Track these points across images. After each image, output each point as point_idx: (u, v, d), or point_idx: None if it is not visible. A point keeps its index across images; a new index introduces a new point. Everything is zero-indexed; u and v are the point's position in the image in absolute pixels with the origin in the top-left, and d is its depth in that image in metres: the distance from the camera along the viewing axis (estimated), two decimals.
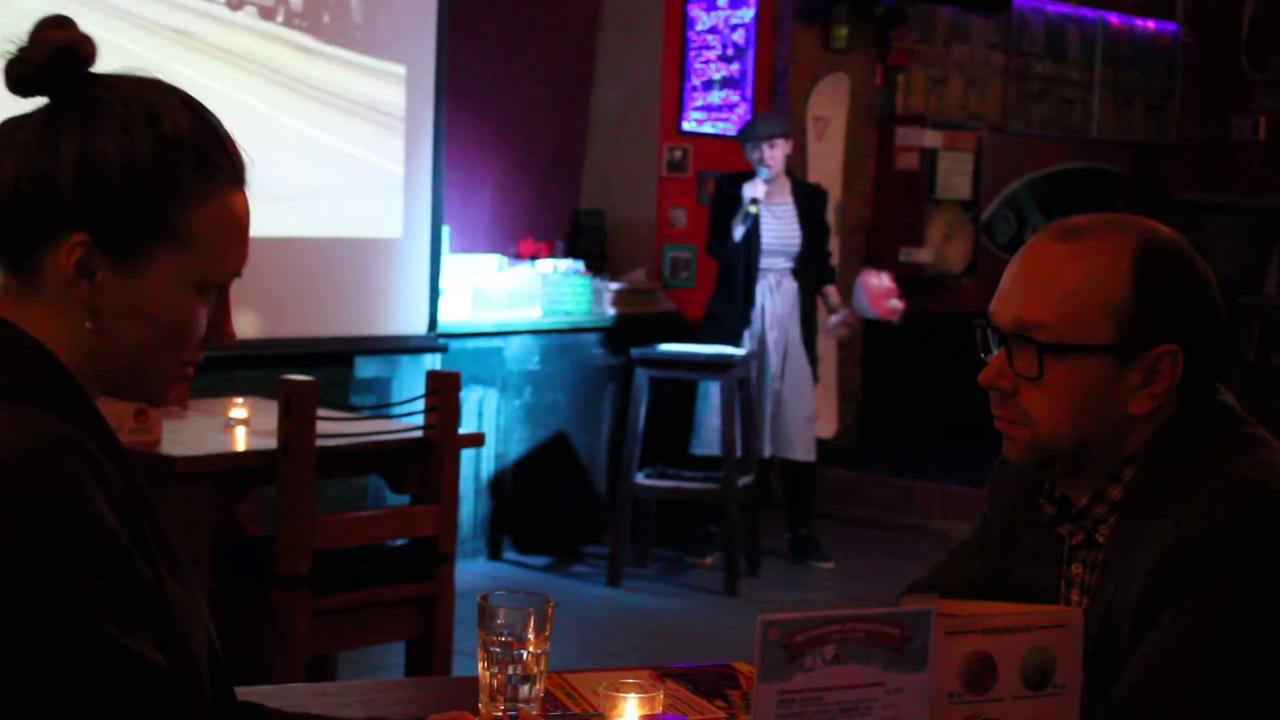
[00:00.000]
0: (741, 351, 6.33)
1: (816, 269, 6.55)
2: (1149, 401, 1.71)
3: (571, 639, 5.14)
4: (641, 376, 6.28)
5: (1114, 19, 9.81)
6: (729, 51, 7.48)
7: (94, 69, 1.45)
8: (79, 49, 1.43)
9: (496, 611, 1.72)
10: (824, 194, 6.80)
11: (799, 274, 6.51)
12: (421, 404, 4.04)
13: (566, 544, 6.77)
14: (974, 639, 1.44)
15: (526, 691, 1.73)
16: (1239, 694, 1.57)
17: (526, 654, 1.72)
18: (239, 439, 4.00)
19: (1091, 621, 1.68)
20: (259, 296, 5.26)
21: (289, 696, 1.88)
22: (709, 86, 7.45)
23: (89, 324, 1.43)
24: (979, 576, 1.92)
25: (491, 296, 6.50)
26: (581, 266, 6.94)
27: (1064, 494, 1.79)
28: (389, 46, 5.92)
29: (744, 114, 7.49)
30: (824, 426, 7.30)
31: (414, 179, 6.01)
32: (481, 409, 6.45)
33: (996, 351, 1.76)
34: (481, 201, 6.96)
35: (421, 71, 5.99)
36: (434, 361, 6.12)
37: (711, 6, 7.44)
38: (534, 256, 6.87)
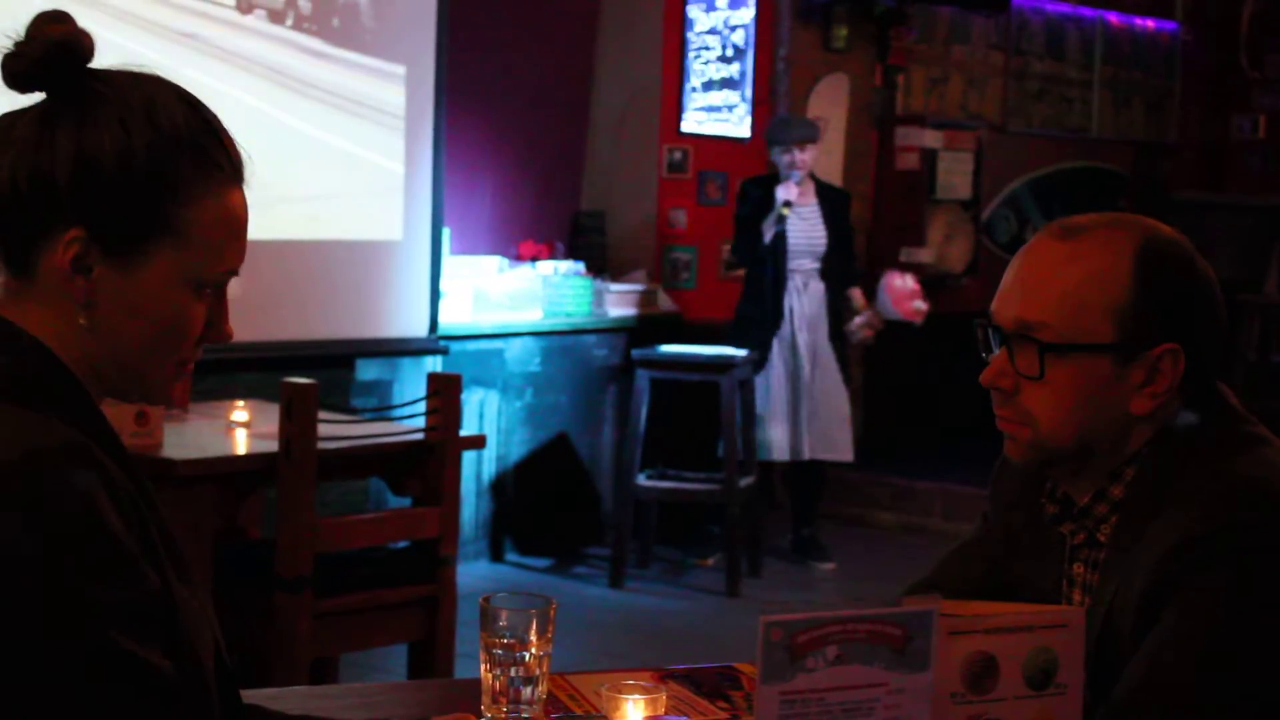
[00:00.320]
0: (743, 352, 6.34)
1: (841, 270, 6.59)
2: (1150, 401, 1.71)
3: (573, 640, 5.14)
4: (642, 378, 6.28)
5: (1113, 18, 9.81)
6: (729, 52, 7.48)
7: (92, 64, 1.44)
8: (77, 44, 1.42)
9: (498, 613, 1.73)
10: (847, 196, 6.86)
11: (825, 275, 6.54)
12: (423, 406, 4.04)
13: (568, 545, 6.77)
14: (976, 639, 1.44)
15: (528, 693, 1.73)
16: (1240, 693, 1.57)
17: (529, 656, 1.72)
18: (240, 442, 4.00)
19: (1093, 621, 1.68)
20: (260, 299, 5.25)
21: (291, 699, 1.88)
22: (709, 87, 7.45)
23: (83, 320, 1.42)
24: (980, 576, 1.92)
25: (492, 298, 6.50)
26: (582, 268, 6.94)
27: (1065, 493, 1.79)
28: (389, 47, 5.92)
29: (744, 114, 7.50)
30: None
31: (414, 181, 6.01)
32: (483, 411, 6.45)
33: (998, 351, 1.76)
34: (482, 203, 6.96)
35: (421, 73, 5.99)
36: (435, 364, 6.12)
37: (711, 7, 7.44)
38: (534, 258, 6.88)
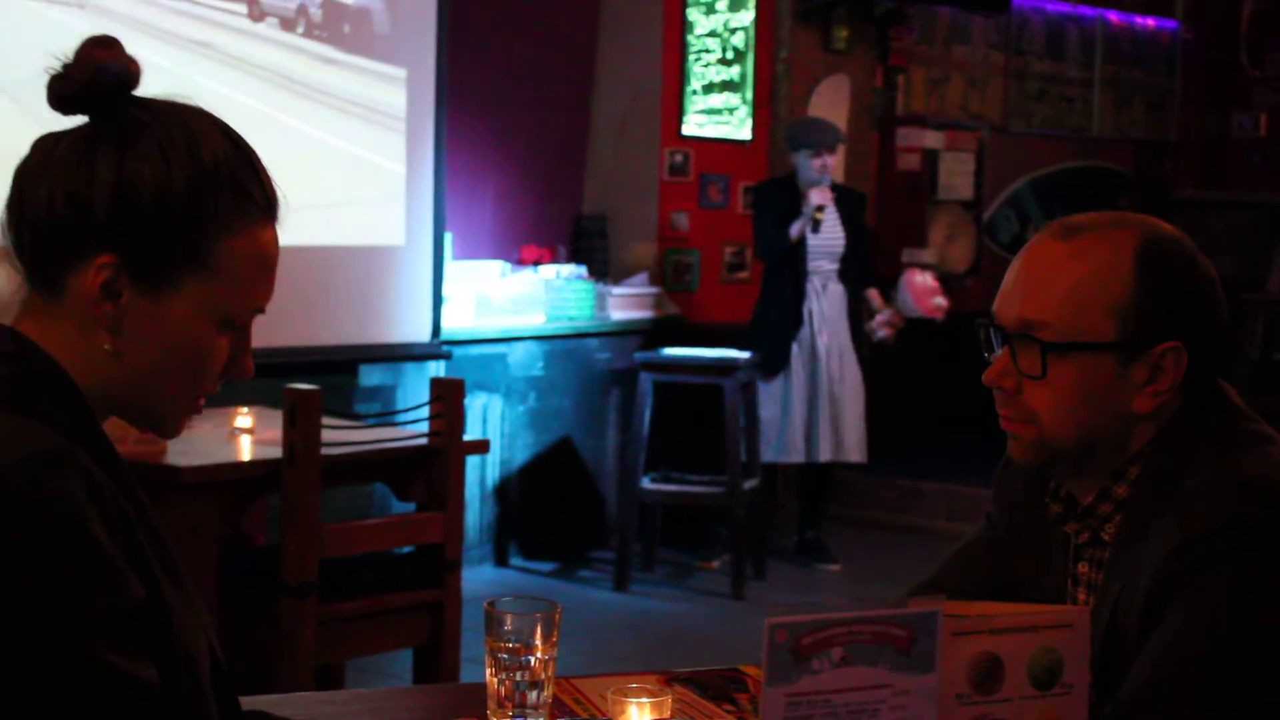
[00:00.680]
0: (746, 355, 6.34)
1: (859, 272, 6.60)
2: (1153, 399, 1.71)
3: (579, 644, 5.14)
4: (645, 381, 6.28)
5: (1113, 17, 9.81)
6: (729, 55, 7.48)
7: (136, 91, 1.44)
8: (123, 70, 1.43)
9: (504, 618, 1.72)
10: (863, 198, 6.90)
11: (844, 276, 6.55)
12: (426, 411, 4.04)
13: (573, 549, 6.77)
14: (981, 640, 1.44)
15: (534, 698, 1.72)
16: (1245, 693, 1.57)
17: (534, 660, 1.72)
18: (244, 448, 4.00)
19: (1098, 620, 1.68)
20: None
21: (297, 705, 1.88)
22: (709, 90, 7.45)
23: (108, 346, 1.42)
24: (984, 576, 1.92)
25: (495, 303, 6.50)
26: (584, 271, 6.94)
27: (1069, 493, 1.79)
28: (389, 51, 5.93)
29: (745, 117, 7.50)
30: None
31: (416, 185, 6.01)
32: (486, 415, 6.45)
33: (1000, 351, 1.76)
34: (483, 208, 6.96)
35: (421, 77, 6.00)
36: (438, 369, 6.12)
37: (711, 9, 7.44)
38: (536, 262, 6.88)
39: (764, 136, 7.62)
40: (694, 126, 7.42)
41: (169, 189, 1.40)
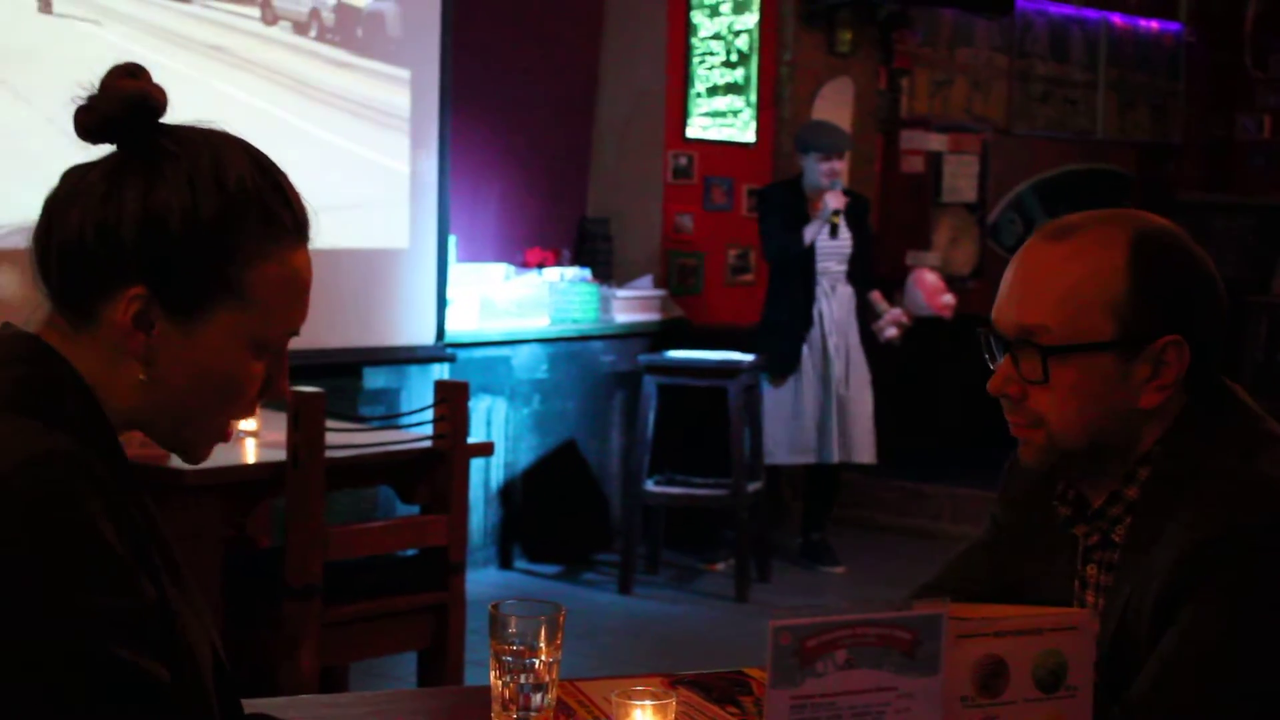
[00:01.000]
0: (749, 357, 6.34)
1: (864, 274, 6.60)
2: (1158, 393, 1.70)
3: (583, 647, 5.14)
4: (650, 383, 6.28)
5: (1117, 19, 9.81)
6: (733, 57, 7.48)
7: (163, 119, 1.44)
8: (149, 100, 1.43)
9: (508, 620, 1.72)
10: (868, 201, 6.90)
11: (852, 279, 6.56)
12: (430, 414, 4.04)
13: (577, 552, 6.77)
14: (985, 642, 1.44)
15: (538, 700, 1.72)
16: (1254, 696, 1.56)
17: (538, 663, 1.72)
18: (248, 451, 4.00)
19: (1107, 622, 1.67)
20: None
21: (300, 707, 1.88)
22: (713, 93, 7.45)
23: (142, 375, 1.42)
24: (988, 578, 1.92)
25: (499, 306, 6.50)
26: (588, 274, 6.94)
27: (1078, 495, 1.79)
28: (394, 53, 5.93)
29: (749, 119, 7.50)
30: None
31: (420, 188, 6.01)
32: (490, 418, 6.45)
33: (1002, 358, 1.76)
34: (488, 210, 6.97)
35: (426, 79, 6.00)
36: (442, 371, 6.12)
37: (715, 12, 7.44)
38: (541, 265, 6.88)
39: (768, 139, 7.62)
40: (698, 129, 7.42)
41: (197, 219, 1.40)
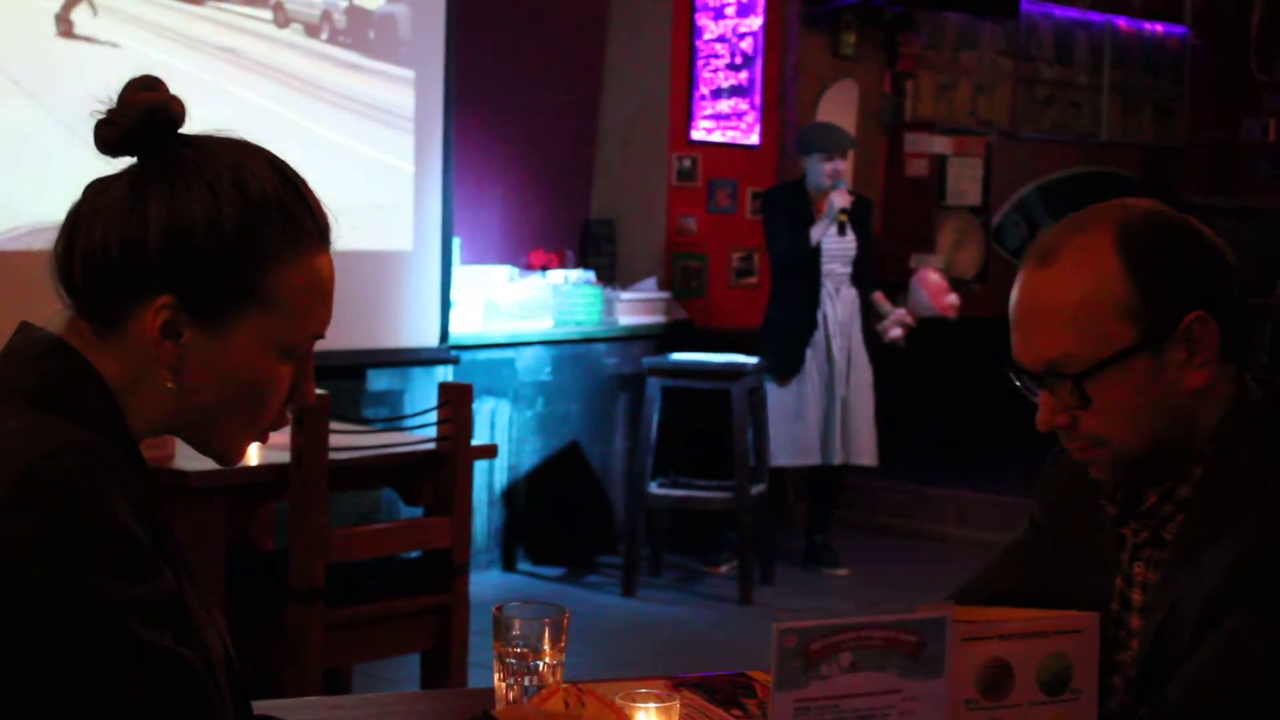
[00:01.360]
0: (753, 360, 6.34)
1: (866, 276, 6.60)
2: (1200, 370, 1.67)
3: (587, 649, 5.14)
4: (653, 386, 6.28)
5: (1122, 23, 9.80)
6: (737, 60, 7.48)
7: (181, 129, 1.45)
8: (167, 111, 1.44)
9: (512, 623, 1.72)
10: (870, 203, 6.89)
11: (856, 280, 6.55)
12: (434, 416, 4.04)
13: (580, 554, 6.77)
14: (990, 645, 1.44)
15: None
16: None
17: (542, 665, 1.72)
18: (252, 453, 4.00)
19: (1151, 620, 1.65)
20: None
21: (304, 709, 1.88)
22: (717, 95, 7.45)
23: (171, 384, 1.44)
24: (1027, 576, 1.89)
25: (503, 308, 6.50)
26: (592, 276, 6.94)
27: (1127, 494, 1.76)
28: (400, 55, 5.93)
29: (753, 122, 7.49)
30: None
31: (424, 190, 6.01)
32: (494, 420, 6.45)
33: (1038, 394, 1.73)
34: (491, 213, 6.97)
35: (430, 80, 6.00)
36: (446, 373, 6.12)
37: (719, 15, 7.44)
38: (544, 267, 6.88)
39: (772, 142, 7.61)
40: (702, 131, 7.41)
41: (220, 227, 1.42)
